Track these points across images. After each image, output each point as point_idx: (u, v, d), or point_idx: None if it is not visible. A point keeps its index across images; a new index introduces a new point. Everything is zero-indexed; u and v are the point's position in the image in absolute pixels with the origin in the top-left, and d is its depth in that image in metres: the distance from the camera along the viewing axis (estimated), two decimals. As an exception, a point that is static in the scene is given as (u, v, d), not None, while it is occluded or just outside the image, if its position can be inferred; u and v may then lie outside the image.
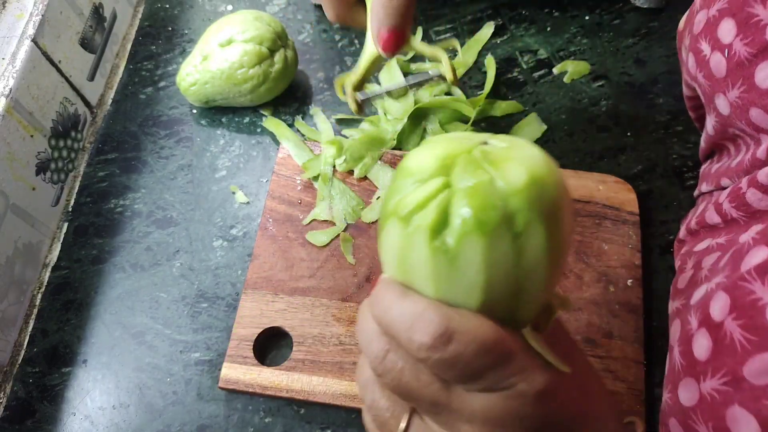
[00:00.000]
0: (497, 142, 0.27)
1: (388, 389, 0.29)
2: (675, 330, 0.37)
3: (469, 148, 0.26)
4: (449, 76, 0.44)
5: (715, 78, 0.37)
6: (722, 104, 0.37)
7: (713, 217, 0.40)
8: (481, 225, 0.24)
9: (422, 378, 0.27)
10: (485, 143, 0.27)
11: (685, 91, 0.46)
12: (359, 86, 0.46)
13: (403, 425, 0.28)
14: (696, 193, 0.47)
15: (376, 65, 0.46)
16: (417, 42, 0.44)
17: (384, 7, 0.39)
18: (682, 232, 0.45)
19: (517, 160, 0.25)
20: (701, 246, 0.41)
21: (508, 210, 0.24)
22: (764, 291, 0.29)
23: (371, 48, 0.44)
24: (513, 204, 0.24)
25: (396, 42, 0.41)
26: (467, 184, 0.25)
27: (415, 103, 0.57)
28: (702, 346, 0.31)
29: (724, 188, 0.41)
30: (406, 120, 0.56)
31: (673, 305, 0.41)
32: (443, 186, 0.25)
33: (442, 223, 0.25)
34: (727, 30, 0.35)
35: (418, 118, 0.57)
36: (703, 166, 0.46)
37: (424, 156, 0.27)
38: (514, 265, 0.25)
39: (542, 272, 0.26)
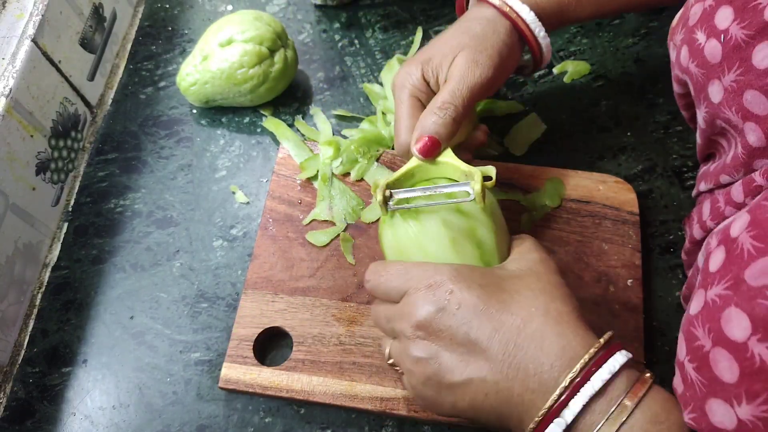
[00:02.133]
0: None
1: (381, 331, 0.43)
2: (700, 258, 0.38)
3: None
4: (478, 199, 0.41)
5: (709, 64, 0.37)
6: (715, 91, 0.37)
7: (734, 214, 0.40)
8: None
9: (385, 313, 0.40)
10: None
11: (676, 88, 0.46)
12: (393, 186, 0.44)
13: (387, 349, 0.41)
14: (694, 193, 0.47)
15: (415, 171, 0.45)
16: (451, 155, 0.44)
17: (432, 114, 0.43)
18: (697, 233, 0.45)
19: None
20: None
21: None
22: None
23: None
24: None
25: (432, 150, 0.43)
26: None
27: None
28: (717, 259, 0.32)
29: (723, 185, 0.41)
30: None
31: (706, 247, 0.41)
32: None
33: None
34: (724, 17, 0.36)
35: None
36: (702, 168, 0.46)
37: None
38: None
39: None
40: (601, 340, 0.35)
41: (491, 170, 0.42)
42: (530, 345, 0.34)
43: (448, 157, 0.44)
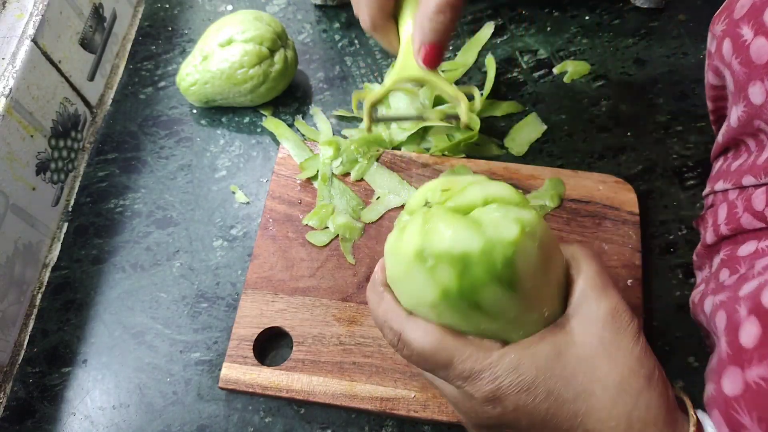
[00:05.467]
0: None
1: None
2: (720, 321, 0.35)
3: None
4: (464, 119, 0.44)
5: (753, 64, 0.35)
6: (757, 92, 0.35)
7: (752, 223, 0.38)
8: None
9: (414, 364, 0.35)
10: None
11: (711, 78, 0.43)
12: (377, 103, 0.46)
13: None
14: (706, 191, 0.45)
15: (400, 85, 0.46)
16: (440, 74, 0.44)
17: (431, 21, 0.40)
18: (709, 237, 0.42)
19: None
20: (746, 249, 0.39)
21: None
22: None
23: (403, 67, 0.44)
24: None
25: (437, 58, 0.42)
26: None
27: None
28: (750, 333, 0.30)
29: (745, 187, 0.39)
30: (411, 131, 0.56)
31: (715, 299, 0.38)
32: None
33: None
34: None
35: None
36: (718, 164, 0.44)
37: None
38: None
39: None
40: None
41: (473, 90, 0.44)
42: None
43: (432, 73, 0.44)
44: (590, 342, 0.32)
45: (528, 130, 0.58)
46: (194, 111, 0.61)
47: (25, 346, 0.52)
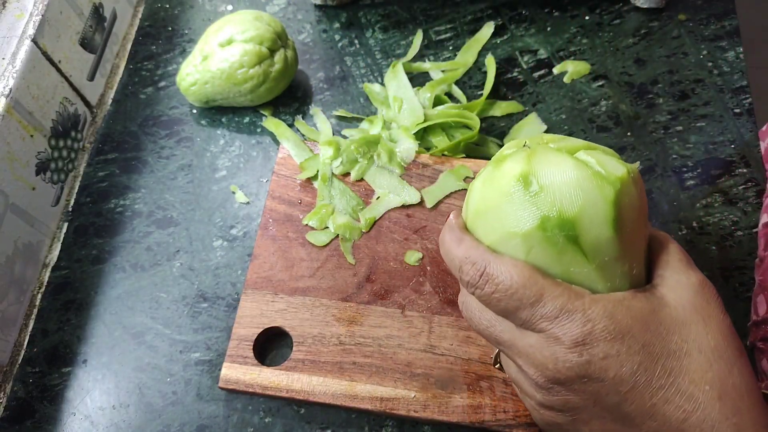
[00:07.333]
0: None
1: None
2: None
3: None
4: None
5: None
6: None
7: None
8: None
9: (485, 319, 0.33)
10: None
11: None
12: None
13: (495, 355, 0.39)
14: None
15: None
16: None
17: None
18: None
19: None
20: None
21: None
22: None
23: None
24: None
25: None
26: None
27: (426, 118, 0.56)
28: None
29: None
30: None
31: None
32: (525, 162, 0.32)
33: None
34: None
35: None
36: None
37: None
38: None
39: None
40: None
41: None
42: None
43: None
44: (683, 306, 0.31)
45: (528, 130, 0.58)
46: (194, 111, 0.61)
47: (25, 346, 0.52)
